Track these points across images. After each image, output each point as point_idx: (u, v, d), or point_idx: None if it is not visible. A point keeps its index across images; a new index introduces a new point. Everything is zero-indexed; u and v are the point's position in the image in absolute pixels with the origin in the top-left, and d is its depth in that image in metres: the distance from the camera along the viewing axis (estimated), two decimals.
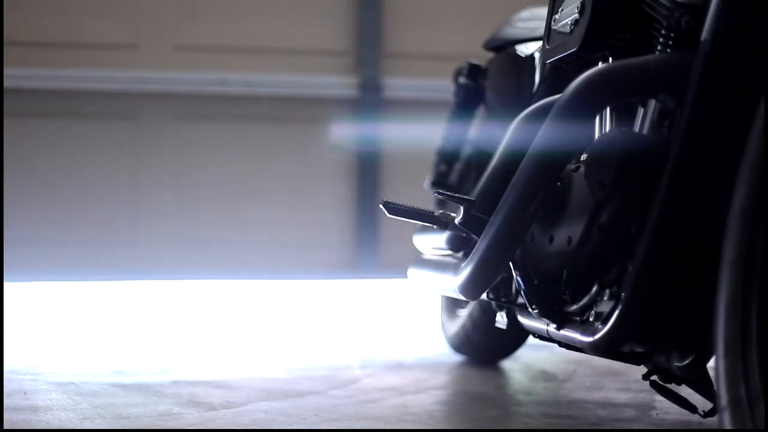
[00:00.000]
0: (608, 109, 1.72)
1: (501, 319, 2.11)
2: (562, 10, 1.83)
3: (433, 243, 2.34)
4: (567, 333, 1.65)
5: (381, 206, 1.87)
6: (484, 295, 1.92)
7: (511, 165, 1.75)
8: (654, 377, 1.67)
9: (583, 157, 1.74)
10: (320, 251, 4.24)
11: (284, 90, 4.17)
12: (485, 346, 2.72)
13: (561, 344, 1.74)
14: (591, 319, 1.58)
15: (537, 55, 2.34)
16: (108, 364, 2.69)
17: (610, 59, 1.72)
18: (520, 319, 1.94)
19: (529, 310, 1.76)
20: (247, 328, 3.53)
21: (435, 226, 1.91)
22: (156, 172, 4.10)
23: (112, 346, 3.05)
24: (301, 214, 4.23)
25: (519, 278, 1.74)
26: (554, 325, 1.69)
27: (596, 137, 1.75)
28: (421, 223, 1.91)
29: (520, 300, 1.85)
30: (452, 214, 1.88)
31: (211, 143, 4.15)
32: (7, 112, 3.85)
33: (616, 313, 1.50)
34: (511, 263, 1.75)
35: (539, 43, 2.27)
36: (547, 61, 1.88)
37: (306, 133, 4.23)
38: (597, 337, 1.53)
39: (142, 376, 2.51)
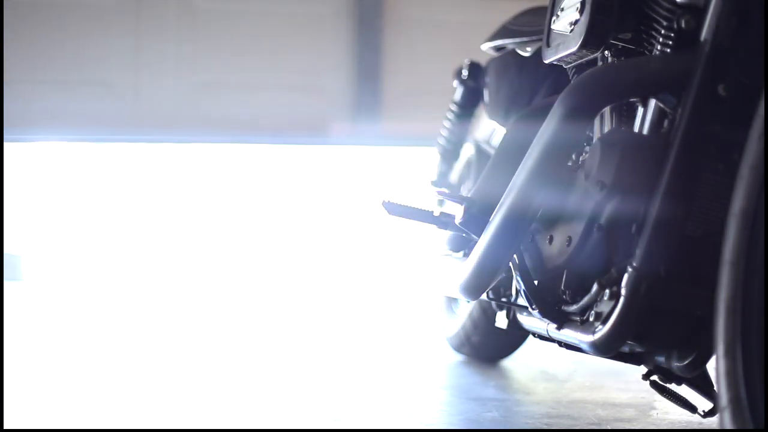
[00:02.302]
0: (608, 109, 1.72)
1: (501, 319, 2.11)
2: (562, 10, 1.82)
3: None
4: (567, 333, 1.65)
5: (381, 206, 1.87)
6: (484, 295, 1.92)
7: (511, 165, 1.75)
8: (654, 377, 1.67)
9: (583, 157, 1.74)
10: (320, 116, 4.26)
11: None
12: (485, 346, 2.72)
13: (561, 344, 1.74)
14: (591, 319, 1.58)
15: (537, 55, 2.34)
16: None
17: (610, 59, 1.72)
18: (520, 319, 1.94)
19: (529, 310, 1.76)
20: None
21: (435, 226, 1.91)
22: (157, 32, 4.10)
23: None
24: (300, 78, 4.24)
25: (519, 278, 1.74)
26: (554, 325, 1.69)
27: (596, 137, 1.75)
28: (421, 222, 1.91)
29: (520, 300, 1.85)
30: (452, 214, 1.88)
31: (212, 5, 4.16)
32: None
33: (616, 313, 1.49)
34: (511, 263, 1.75)
35: (539, 43, 2.27)
36: (547, 61, 1.88)
37: None
38: (597, 337, 1.53)
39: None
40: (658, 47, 1.59)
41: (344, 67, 4.26)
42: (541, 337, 1.84)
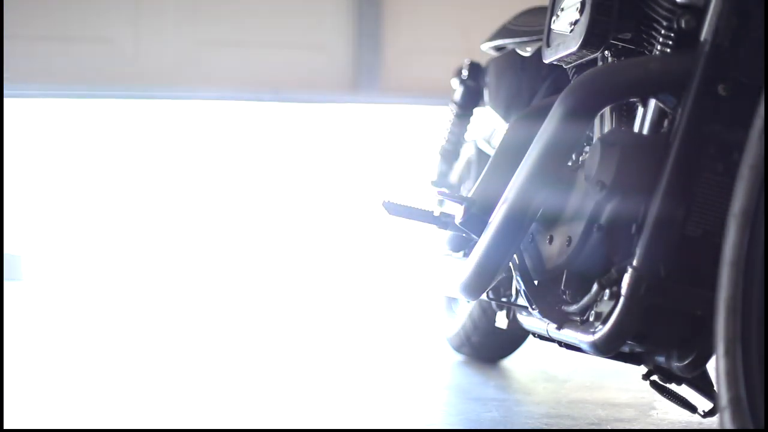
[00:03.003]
0: (608, 109, 1.72)
1: (501, 319, 2.11)
2: (562, 10, 1.82)
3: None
4: (567, 333, 1.65)
5: (381, 206, 1.87)
6: (484, 295, 1.92)
7: (511, 165, 1.75)
8: (654, 377, 1.67)
9: (583, 157, 1.74)
10: (320, 74, 4.26)
11: None
12: (485, 346, 2.72)
13: (561, 344, 1.74)
14: (591, 319, 1.58)
15: (537, 55, 2.34)
16: None
17: (610, 59, 1.72)
18: (520, 319, 1.94)
19: (529, 310, 1.76)
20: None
21: (435, 226, 1.91)
22: None
23: None
24: (301, 35, 4.23)
25: (519, 278, 1.74)
26: (554, 325, 1.69)
27: (596, 137, 1.75)
28: (421, 222, 1.91)
29: (520, 300, 1.85)
30: (452, 214, 1.88)
31: None
32: None
33: (616, 313, 1.50)
34: (511, 263, 1.75)
35: (539, 43, 2.27)
36: (547, 61, 1.88)
37: None
38: (597, 337, 1.53)
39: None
40: (658, 47, 1.59)
41: (345, 25, 4.26)
42: (541, 337, 1.84)
